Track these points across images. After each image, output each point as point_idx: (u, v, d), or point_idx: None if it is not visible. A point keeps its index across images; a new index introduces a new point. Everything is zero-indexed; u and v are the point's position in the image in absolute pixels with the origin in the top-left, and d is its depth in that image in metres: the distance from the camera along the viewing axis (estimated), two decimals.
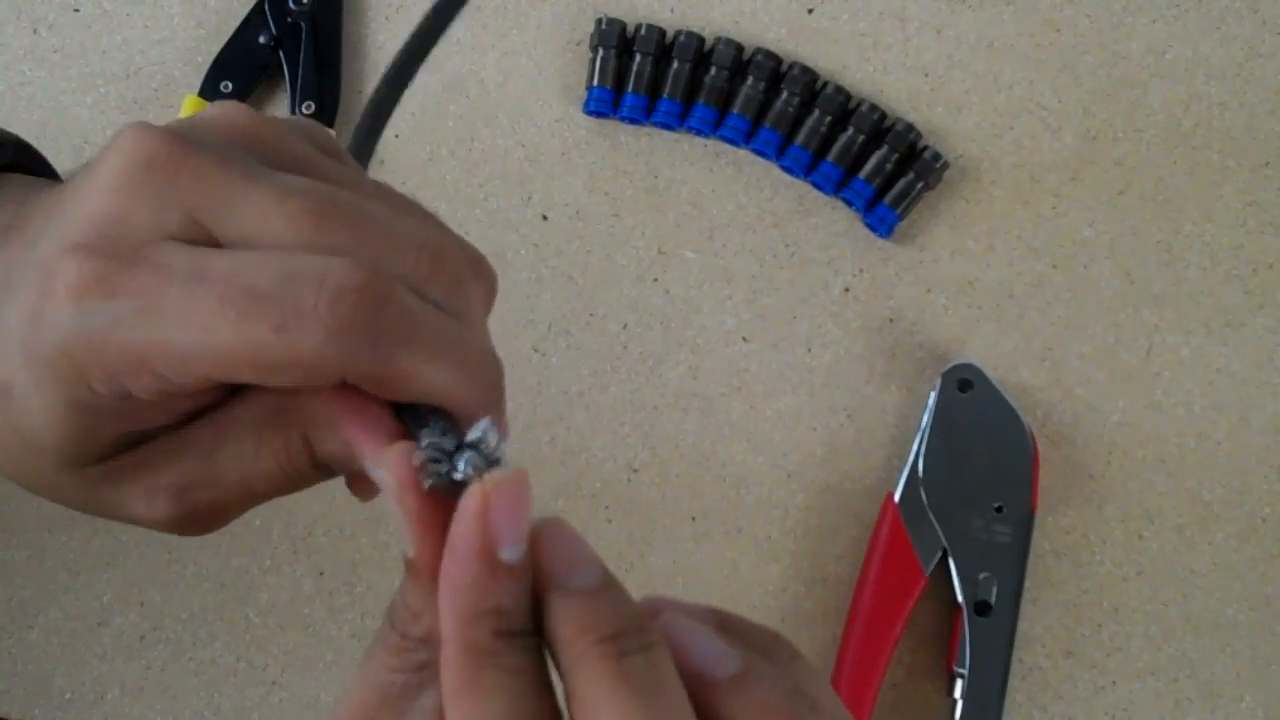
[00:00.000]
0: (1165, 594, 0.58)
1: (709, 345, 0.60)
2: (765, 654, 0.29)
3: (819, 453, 0.59)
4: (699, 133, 0.61)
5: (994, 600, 0.55)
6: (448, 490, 0.27)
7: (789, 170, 0.61)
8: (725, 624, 0.30)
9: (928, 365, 0.59)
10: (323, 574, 0.58)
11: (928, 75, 0.62)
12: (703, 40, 0.61)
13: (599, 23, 0.61)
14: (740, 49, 0.61)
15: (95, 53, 0.63)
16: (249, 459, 0.32)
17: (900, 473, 0.57)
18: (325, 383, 0.28)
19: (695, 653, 0.28)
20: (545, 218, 0.61)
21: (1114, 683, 0.57)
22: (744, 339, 0.60)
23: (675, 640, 0.28)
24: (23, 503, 0.33)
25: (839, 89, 0.61)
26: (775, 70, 0.61)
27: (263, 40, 0.63)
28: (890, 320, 0.60)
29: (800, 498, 0.59)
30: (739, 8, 0.63)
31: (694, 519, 0.59)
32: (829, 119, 0.60)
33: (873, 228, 0.60)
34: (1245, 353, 0.59)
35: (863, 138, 0.60)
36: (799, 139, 0.60)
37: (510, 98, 0.62)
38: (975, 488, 0.56)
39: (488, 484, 0.26)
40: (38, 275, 0.28)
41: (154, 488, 0.32)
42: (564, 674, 0.26)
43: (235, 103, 0.31)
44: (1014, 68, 0.62)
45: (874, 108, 0.60)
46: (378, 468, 0.28)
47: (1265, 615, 0.57)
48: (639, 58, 0.61)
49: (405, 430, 0.29)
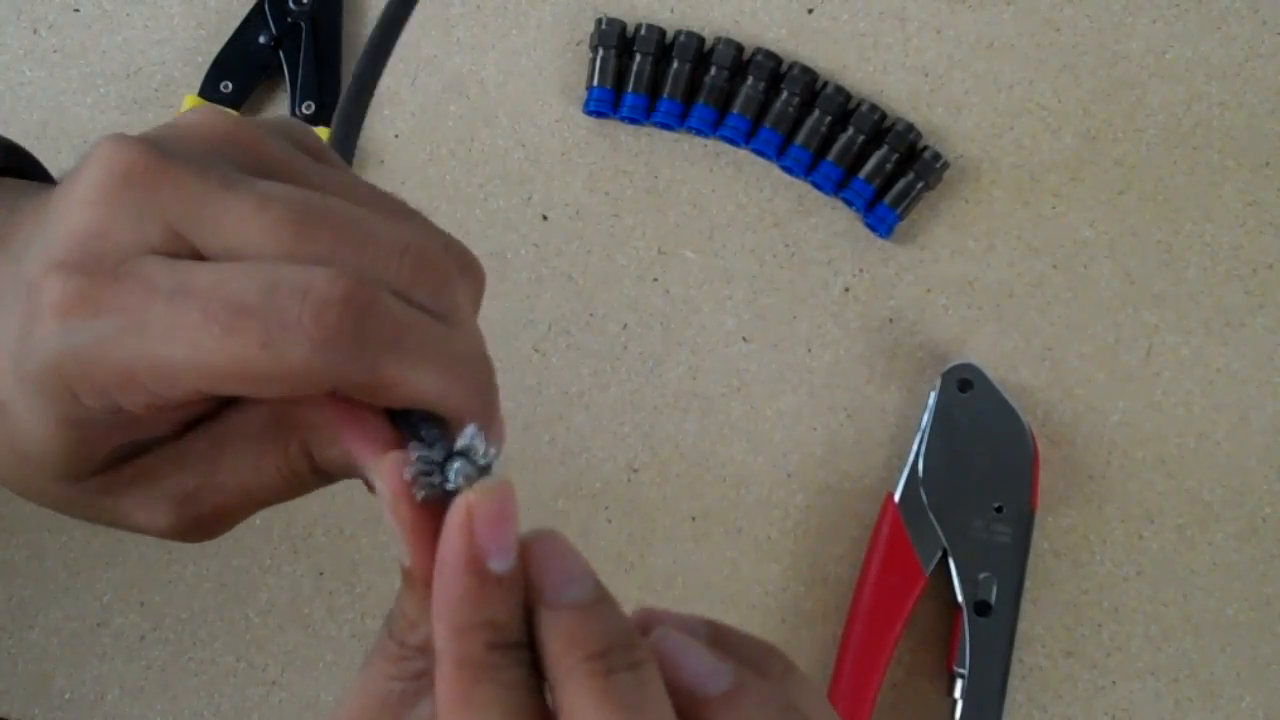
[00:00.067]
0: (1165, 594, 0.58)
1: (709, 345, 0.60)
2: (759, 667, 0.29)
3: (819, 453, 0.59)
4: (699, 133, 0.61)
5: (994, 600, 0.55)
6: (441, 500, 0.27)
7: (789, 170, 0.61)
8: (719, 636, 0.30)
9: (928, 365, 0.59)
10: (323, 574, 0.58)
11: (928, 75, 0.62)
12: (703, 40, 0.61)
13: (599, 23, 0.61)
14: (740, 49, 0.61)
15: (95, 53, 0.63)
16: (249, 468, 0.32)
17: (900, 473, 0.57)
18: (314, 393, 0.28)
19: (687, 669, 0.28)
20: (545, 218, 0.61)
21: (1114, 683, 0.57)
22: (744, 339, 0.60)
23: (666, 656, 0.28)
24: (23, 503, 0.33)
25: (839, 89, 0.61)
26: (775, 70, 0.61)
27: (263, 40, 0.63)
28: (890, 320, 0.60)
29: (800, 498, 0.59)
30: (739, 8, 0.63)
31: (694, 519, 0.59)
32: (829, 119, 0.60)
33: (873, 228, 0.60)
34: (1245, 353, 0.59)
35: (863, 138, 0.60)
36: (799, 139, 0.60)
37: (510, 98, 0.62)
38: (975, 488, 0.56)
39: (471, 496, 0.26)
40: (23, 293, 0.28)
41: (155, 498, 0.32)
42: (553, 688, 0.27)
43: (213, 107, 0.31)
44: (1014, 68, 0.62)
45: (874, 108, 0.60)
46: (375, 478, 0.28)
47: (1265, 615, 0.57)
48: (639, 58, 0.61)
49: (402, 436, 0.29)
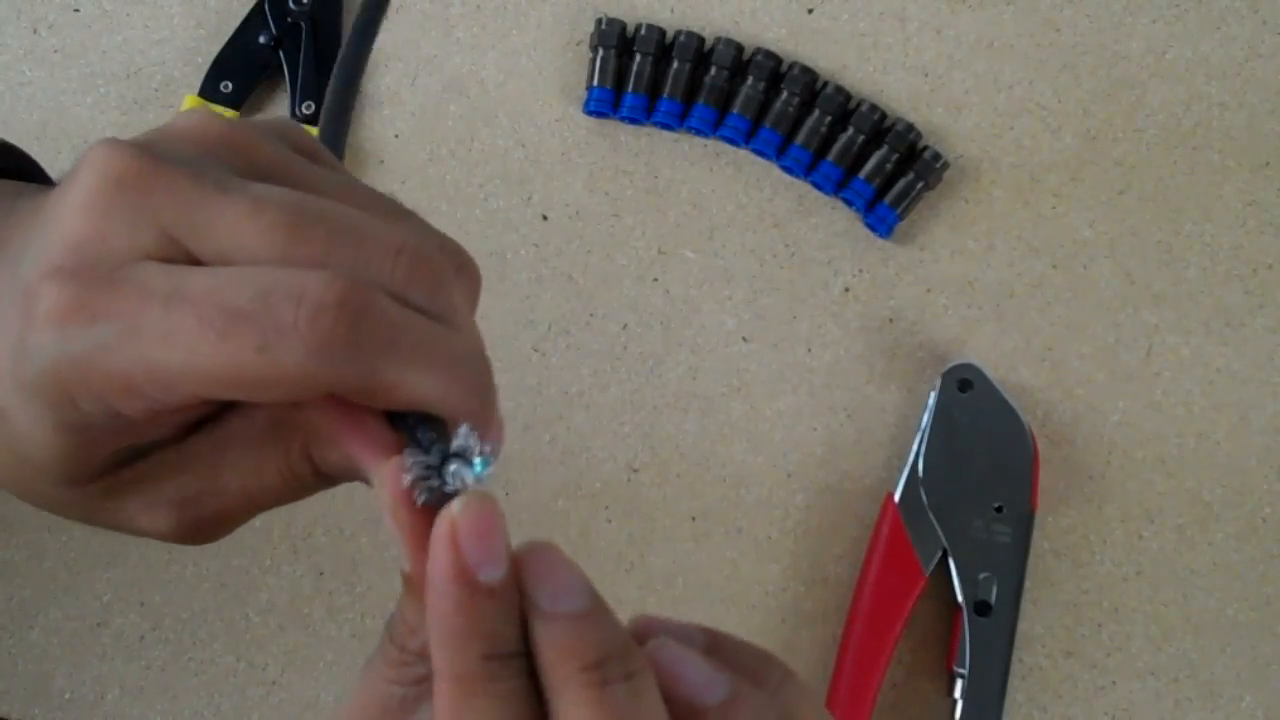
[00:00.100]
0: (1165, 594, 0.58)
1: (709, 345, 0.60)
2: (756, 675, 0.29)
3: (819, 453, 0.59)
4: (699, 133, 0.61)
5: (994, 600, 0.55)
6: (441, 503, 0.27)
7: (789, 170, 0.61)
8: (716, 644, 0.30)
9: (928, 365, 0.59)
10: (323, 574, 0.58)
11: (928, 75, 0.62)
12: (703, 40, 0.61)
13: (599, 23, 0.61)
14: (740, 49, 0.61)
15: (95, 53, 0.63)
16: (250, 471, 0.32)
17: (900, 473, 0.57)
18: (312, 397, 0.28)
19: (683, 679, 0.28)
20: (545, 218, 0.61)
21: (1114, 683, 0.57)
22: (744, 339, 0.60)
23: (663, 666, 0.28)
24: (23, 503, 0.33)
25: (839, 89, 0.61)
26: (775, 70, 0.61)
27: (263, 40, 0.63)
28: (890, 320, 0.60)
29: (800, 498, 0.59)
30: (739, 8, 0.63)
31: (694, 519, 0.59)
32: (829, 119, 0.60)
33: (873, 228, 0.60)
34: (1245, 353, 0.59)
35: (863, 138, 0.60)
36: (799, 139, 0.60)
37: (510, 98, 0.62)
38: (975, 488, 0.56)
39: (453, 510, 0.27)
40: (19, 299, 0.28)
41: (156, 501, 0.32)
42: (549, 698, 0.27)
43: (204, 110, 0.31)
44: (1014, 68, 0.62)
45: (874, 108, 0.60)
46: (375, 485, 0.28)
47: (1265, 615, 0.57)
48: (639, 58, 0.61)
49: (401, 438, 0.29)
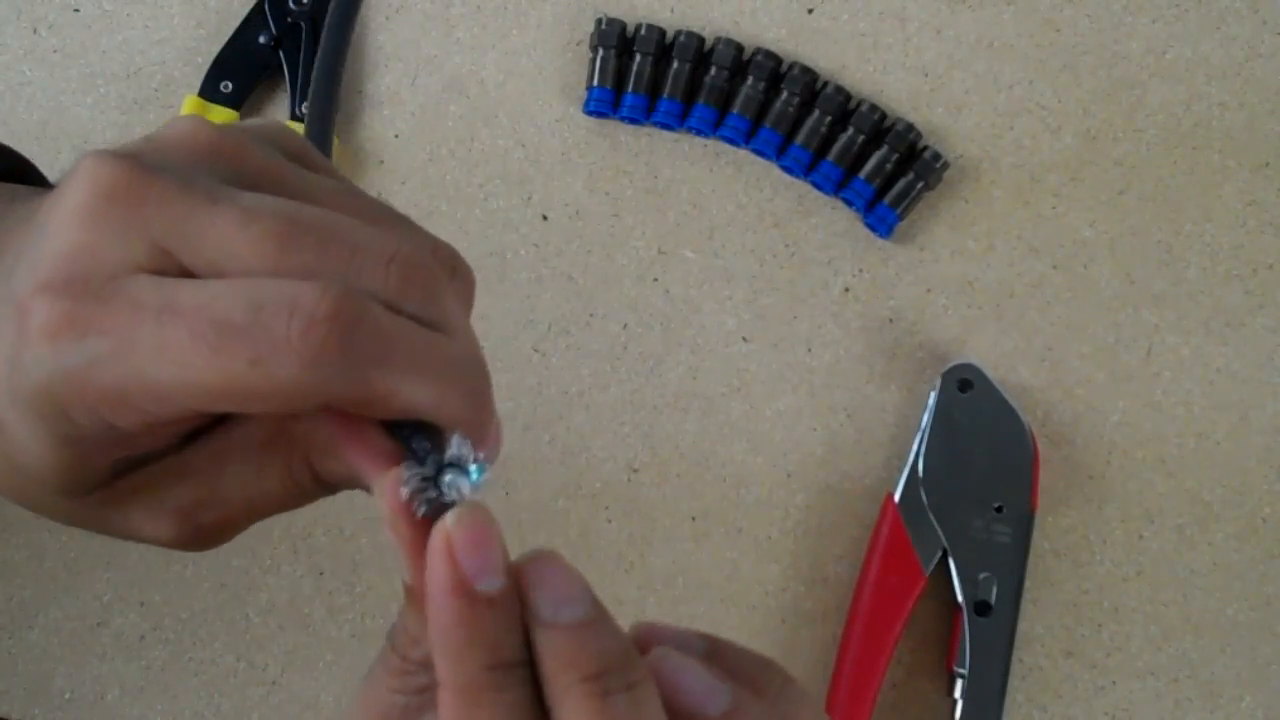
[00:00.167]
0: (1165, 594, 0.58)
1: (709, 345, 0.60)
2: (756, 682, 0.29)
3: (819, 453, 0.59)
4: (699, 133, 0.61)
5: (994, 600, 0.55)
6: (439, 514, 0.27)
7: (789, 170, 0.61)
8: (715, 651, 0.30)
9: (928, 365, 0.59)
10: (323, 574, 0.58)
11: (928, 75, 0.62)
12: (703, 40, 0.61)
13: (599, 23, 0.61)
14: (740, 49, 0.61)
15: (95, 53, 0.63)
16: (251, 479, 0.32)
17: (900, 473, 0.57)
18: (307, 409, 0.28)
19: (684, 689, 0.28)
20: (545, 218, 0.61)
21: (1114, 683, 0.57)
22: (744, 339, 0.60)
23: (664, 676, 0.28)
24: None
25: (839, 89, 0.61)
26: (775, 70, 0.61)
27: (263, 40, 0.63)
28: (890, 320, 0.60)
29: (800, 498, 0.59)
30: (739, 8, 0.63)
31: (694, 519, 0.59)
32: (829, 119, 0.60)
33: (873, 228, 0.60)
34: (1245, 353, 0.59)
35: (863, 138, 0.60)
36: (799, 139, 0.60)
37: (510, 98, 0.62)
38: (975, 488, 0.56)
39: (448, 522, 0.27)
40: (12, 314, 0.28)
41: (157, 510, 0.32)
42: (551, 708, 0.27)
43: (195, 117, 0.31)
44: (1014, 68, 0.62)
45: (874, 108, 0.60)
46: (376, 497, 0.28)
47: (1265, 615, 0.57)
48: (639, 58, 0.61)
49: (400, 447, 0.29)
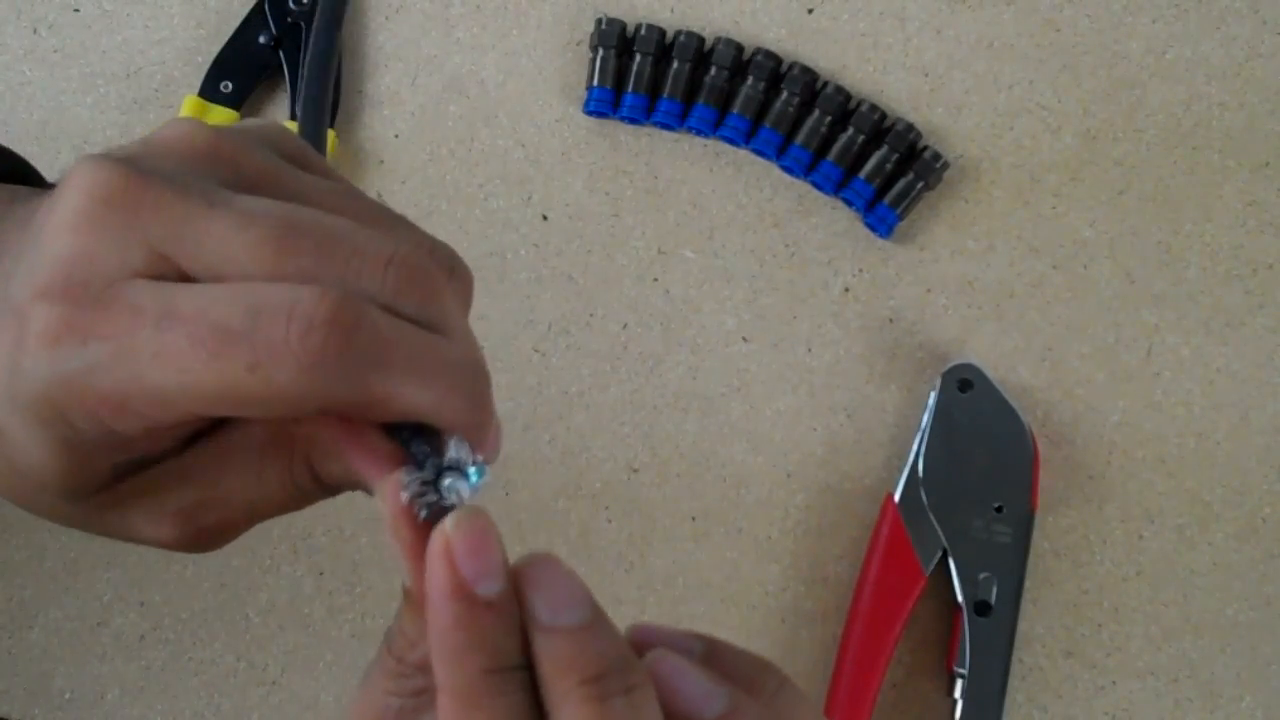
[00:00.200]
0: (1165, 594, 0.58)
1: (709, 345, 0.60)
2: (752, 683, 0.29)
3: (819, 453, 0.59)
4: (699, 133, 0.61)
5: (994, 600, 0.55)
6: (439, 518, 0.27)
7: (789, 170, 0.61)
8: (712, 652, 0.30)
9: (928, 365, 0.59)
10: (323, 574, 0.58)
11: (928, 75, 0.62)
12: (703, 40, 0.61)
13: (599, 23, 0.61)
14: (740, 49, 0.61)
15: (95, 53, 0.63)
16: (252, 482, 0.32)
17: (900, 473, 0.57)
18: (306, 413, 0.28)
19: (682, 692, 0.28)
20: (545, 218, 0.61)
21: (1114, 683, 0.57)
22: (744, 339, 0.60)
23: (662, 679, 0.28)
24: None
25: (839, 89, 0.61)
26: (775, 70, 0.61)
27: (263, 40, 0.63)
28: (890, 320, 0.60)
29: (800, 498, 0.59)
30: (739, 8, 0.63)
31: (694, 519, 0.59)
32: (829, 119, 0.60)
33: (873, 228, 0.60)
34: (1245, 353, 0.59)
35: (863, 138, 0.60)
36: (799, 139, 0.60)
37: (510, 98, 0.62)
38: (975, 488, 0.56)
39: (446, 527, 0.27)
40: (11, 320, 0.28)
41: (159, 512, 0.32)
42: (549, 712, 0.27)
43: (191, 120, 0.31)
44: (1014, 68, 0.62)
45: (874, 108, 0.60)
46: (378, 501, 0.28)
47: (1265, 615, 0.57)
48: (639, 58, 0.61)
49: (400, 449, 0.29)
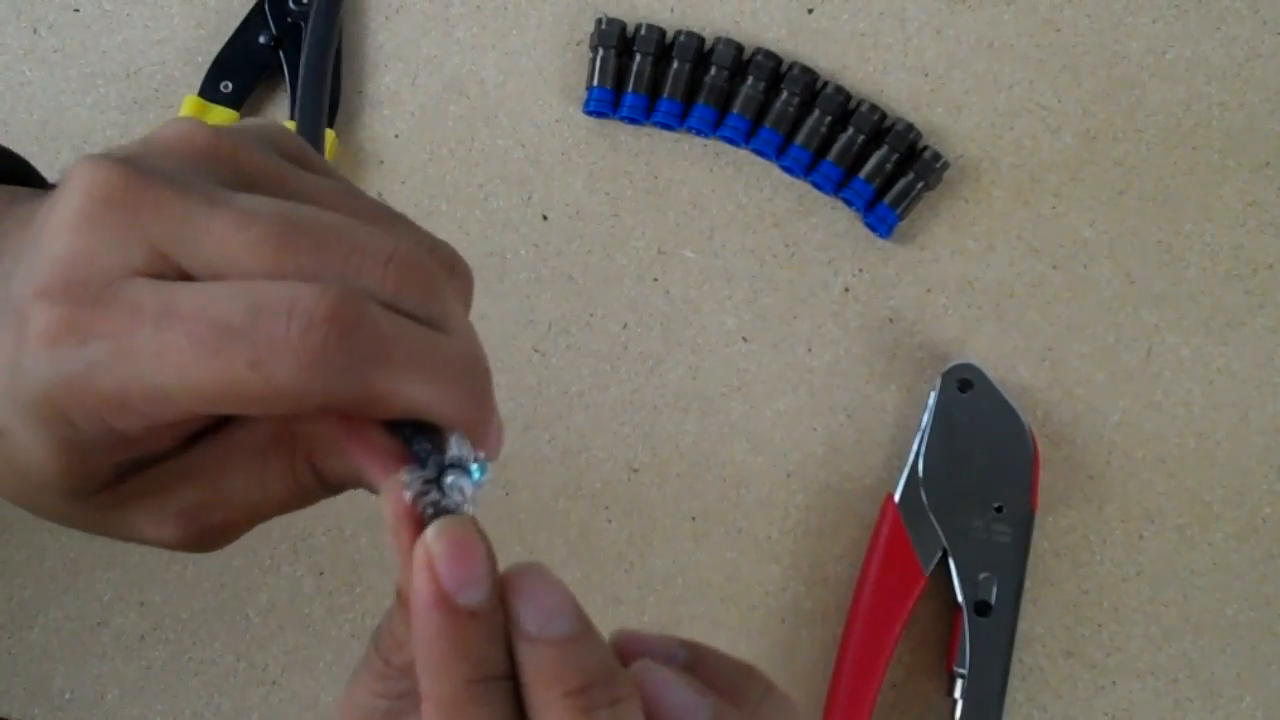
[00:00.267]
0: (1165, 594, 0.58)
1: (709, 345, 0.60)
2: (737, 690, 0.29)
3: (819, 453, 0.59)
4: (699, 133, 0.61)
5: (994, 600, 0.55)
6: (444, 516, 0.27)
7: (789, 170, 0.61)
8: (697, 659, 0.30)
9: (928, 365, 0.59)
10: (323, 574, 0.58)
11: (928, 75, 0.62)
12: (703, 40, 0.61)
13: (599, 23, 0.61)
14: (740, 49, 0.61)
15: (95, 53, 0.63)
16: (254, 481, 0.32)
17: (900, 473, 0.57)
18: (308, 410, 0.28)
19: (666, 704, 0.28)
20: (545, 218, 0.61)
21: (1114, 683, 0.57)
22: (744, 339, 0.60)
23: (646, 689, 0.28)
24: None
25: (839, 89, 0.61)
26: (775, 70, 0.61)
27: (263, 40, 0.63)
28: (890, 320, 0.60)
29: (800, 498, 0.59)
30: (739, 8, 0.63)
31: (694, 519, 0.59)
32: (829, 119, 0.60)
33: (873, 228, 0.60)
34: (1245, 353, 0.59)
35: (863, 138, 0.60)
36: (799, 139, 0.60)
37: (510, 98, 0.62)
38: (975, 488, 0.56)
39: (429, 536, 0.27)
40: (11, 320, 0.28)
41: (161, 512, 0.32)
42: None
43: (191, 119, 0.31)
44: (1014, 68, 0.62)
45: (874, 108, 0.60)
46: (381, 502, 0.28)
47: (1265, 615, 0.57)
48: (639, 58, 0.61)
49: (403, 447, 0.29)
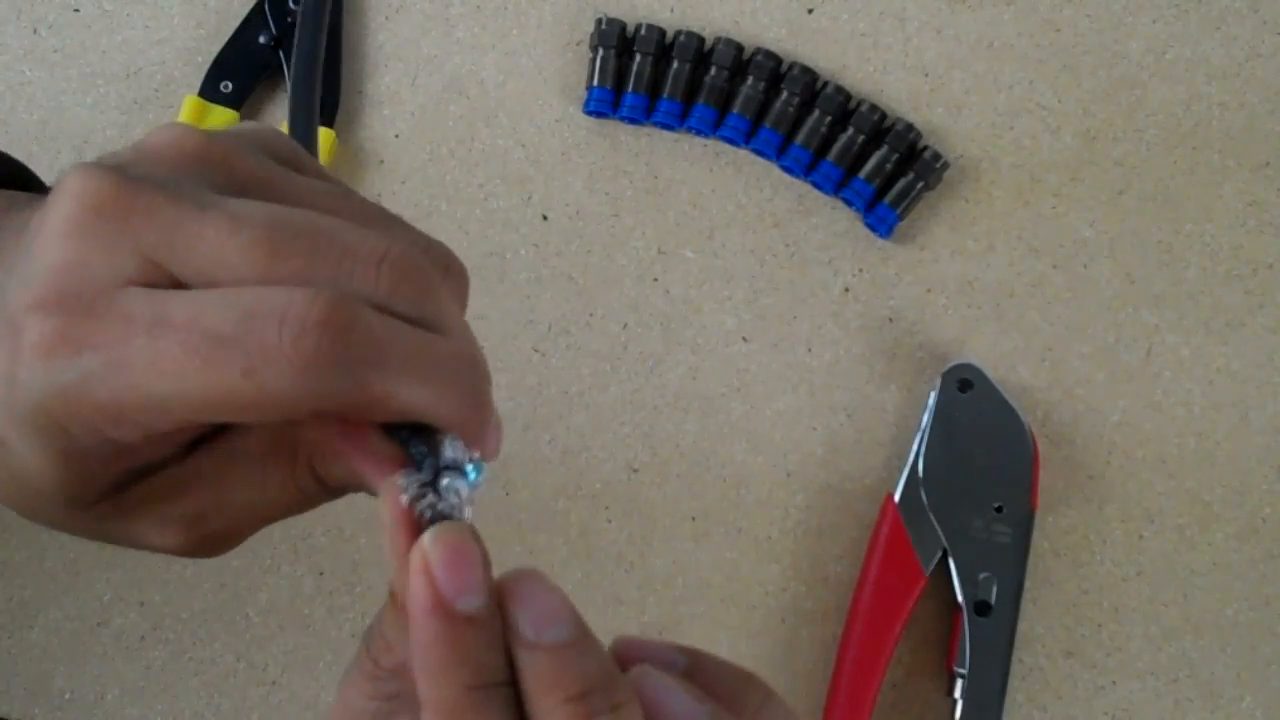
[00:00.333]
0: (1165, 594, 0.58)
1: (709, 345, 0.60)
2: (736, 697, 0.29)
3: (819, 453, 0.59)
4: (699, 133, 0.61)
5: (994, 600, 0.55)
6: (441, 520, 0.27)
7: (789, 170, 0.61)
8: (696, 665, 0.30)
9: (928, 365, 0.59)
10: (323, 574, 0.58)
11: (928, 75, 0.62)
12: (703, 40, 0.61)
13: (599, 23, 0.61)
14: (740, 49, 0.61)
15: (95, 53, 0.63)
16: (256, 486, 0.32)
17: (900, 473, 0.57)
18: (304, 416, 0.28)
19: (665, 710, 0.28)
20: (545, 218, 0.61)
21: (1114, 683, 0.57)
22: (744, 339, 0.60)
23: (646, 697, 0.28)
24: None
25: (839, 89, 0.61)
26: (775, 70, 0.61)
27: (263, 40, 0.63)
28: (890, 320, 0.60)
29: (800, 498, 0.59)
30: (739, 8, 0.63)
31: (694, 519, 0.59)
32: (829, 119, 0.60)
33: (873, 228, 0.60)
34: (1245, 353, 0.59)
35: (863, 138, 0.60)
36: (799, 139, 0.60)
37: (510, 98, 0.62)
38: (975, 488, 0.56)
39: (425, 542, 0.26)
40: (5, 332, 0.28)
41: (164, 519, 0.32)
42: None
43: (182, 125, 0.31)
44: (1014, 68, 0.62)
45: (874, 108, 0.60)
46: (380, 506, 0.28)
47: (1265, 615, 0.57)
48: (639, 58, 0.61)
49: (401, 450, 0.29)
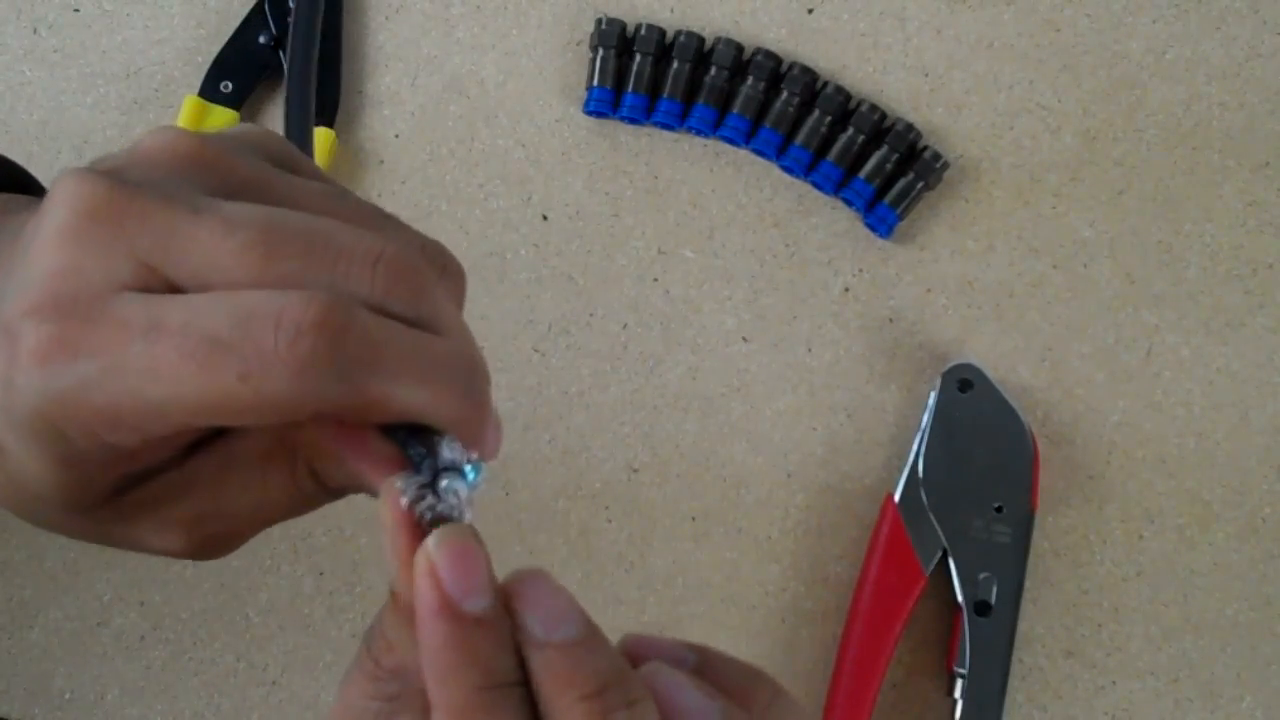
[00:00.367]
0: (1165, 594, 0.58)
1: (709, 345, 0.60)
2: (745, 694, 0.29)
3: (819, 453, 0.59)
4: (699, 133, 0.61)
5: (994, 600, 0.55)
6: (439, 523, 0.27)
7: (789, 170, 0.61)
8: (705, 663, 0.30)
9: (928, 365, 0.59)
10: (323, 574, 0.58)
11: (928, 75, 0.62)
12: (703, 40, 0.61)
13: (599, 23, 0.61)
14: (740, 49, 0.61)
15: (95, 53, 0.63)
16: (256, 489, 0.32)
17: (900, 473, 0.57)
18: (301, 419, 0.28)
19: (678, 706, 0.28)
20: (545, 218, 0.61)
21: (1114, 683, 0.57)
22: (744, 339, 0.60)
23: (658, 693, 0.28)
24: None
25: (839, 89, 0.61)
26: (775, 70, 0.61)
27: (263, 40, 0.63)
28: (890, 320, 0.60)
29: (800, 498, 0.59)
30: (739, 8, 0.63)
31: (694, 519, 0.59)
32: (829, 119, 0.60)
33: (873, 228, 0.60)
34: (1245, 353, 0.59)
35: (863, 138, 0.60)
36: (799, 139, 0.60)
37: (510, 98, 0.62)
38: (975, 488, 0.56)
39: (429, 544, 0.27)
40: (2, 338, 0.28)
41: (165, 522, 0.32)
42: None
43: (175, 128, 0.31)
44: (1014, 68, 0.62)
45: (874, 108, 0.60)
46: (380, 508, 0.28)
47: (1265, 615, 0.57)
48: (639, 58, 0.61)
49: (400, 451, 0.29)
